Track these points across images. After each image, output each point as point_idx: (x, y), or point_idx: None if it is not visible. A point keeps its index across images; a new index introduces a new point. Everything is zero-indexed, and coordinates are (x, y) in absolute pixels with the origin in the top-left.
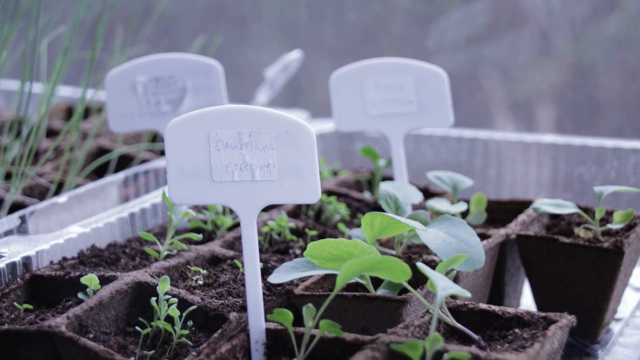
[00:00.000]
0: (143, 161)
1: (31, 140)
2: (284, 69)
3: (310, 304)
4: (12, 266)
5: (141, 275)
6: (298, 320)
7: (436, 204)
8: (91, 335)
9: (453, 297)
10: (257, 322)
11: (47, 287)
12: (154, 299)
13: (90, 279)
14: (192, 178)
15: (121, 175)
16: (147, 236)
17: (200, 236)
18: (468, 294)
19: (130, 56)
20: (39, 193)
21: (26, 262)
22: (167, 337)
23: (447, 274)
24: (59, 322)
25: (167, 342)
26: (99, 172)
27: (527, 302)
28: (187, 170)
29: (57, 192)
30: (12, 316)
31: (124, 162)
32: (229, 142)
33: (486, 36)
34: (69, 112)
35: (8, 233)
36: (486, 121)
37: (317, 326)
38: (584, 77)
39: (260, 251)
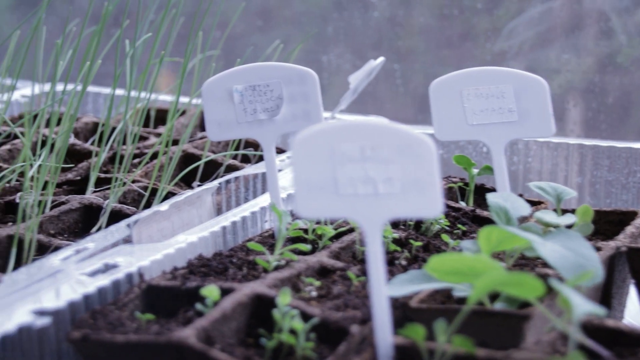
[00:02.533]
0: (229, 168)
1: (129, 146)
2: (368, 75)
3: (441, 319)
4: (129, 276)
5: (258, 286)
6: None
7: (544, 215)
8: (218, 347)
9: None
10: (384, 336)
11: (163, 297)
12: (275, 311)
13: (211, 291)
14: (318, 191)
15: (216, 183)
16: (256, 246)
17: (309, 247)
18: (603, 312)
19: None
20: (132, 200)
21: (141, 272)
22: (289, 350)
23: None
24: (188, 333)
25: (290, 354)
26: (183, 179)
27: (631, 314)
28: (313, 183)
29: (149, 199)
30: (134, 325)
31: (210, 168)
32: (352, 156)
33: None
34: (142, 117)
35: (118, 242)
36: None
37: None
38: None
39: (364, 262)
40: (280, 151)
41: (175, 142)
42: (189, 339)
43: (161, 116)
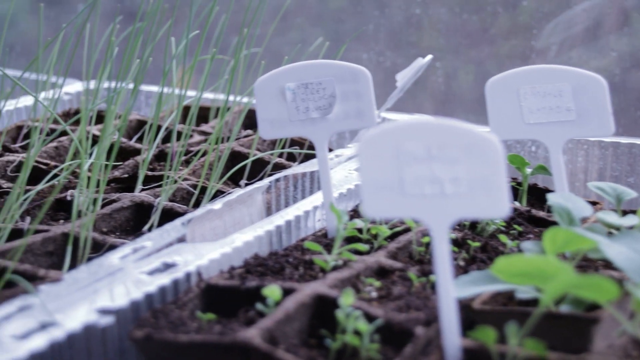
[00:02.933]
0: (276, 166)
1: (174, 143)
2: (415, 73)
3: (512, 322)
4: (188, 275)
5: (319, 286)
6: None
7: (606, 216)
8: (282, 348)
9: None
10: (452, 339)
11: (222, 296)
12: (339, 312)
13: (273, 291)
14: (384, 192)
15: (266, 181)
16: (313, 246)
17: (367, 247)
18: None
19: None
20: (181, 198)
21: (200, 271)
22: (353, 351)
23: None
24: (253, 334)
25: (354, 355)
26: (230, 177)
27: None
28: (379, 184)
29: (198, 197)
30: (195, 325)
31: (256, 166)
32: (419, 156)
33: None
34: (184, 114)
35: (173, 241)
36: None
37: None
38: None
39: (422, 262)
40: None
41: (220, 140)
42: (254, 340)
43: (202, 114)
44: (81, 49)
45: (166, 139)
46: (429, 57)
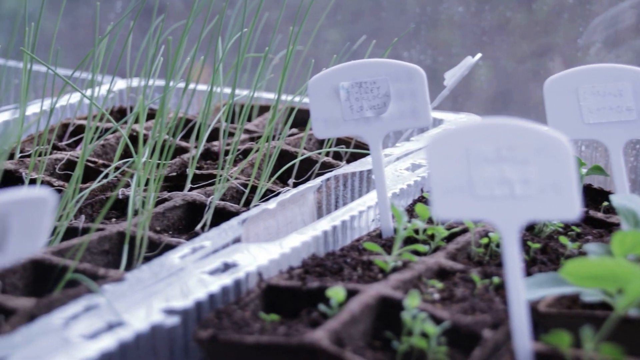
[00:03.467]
0: (324, 165)
1: (227, 142)
2: (463, 71)
3: (583, 325)
4: (248, 276)
5: (383, 288)
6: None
7: None
8: (349, 350)
9: None
10: (524, 343)
11: (283, 297)
12: (404, 313)
13: (337, 292)
14: (454, 193)
15: (318, 180)
16: (372, 246)
17: (426, 248)
18: None
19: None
20: (231, 197)
21: (260, 271)
22: (420, 354)
23: None
24: (321, 335)
25: (421, 358)
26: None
27: None
28: (448, 185)
29: (248, 196)
30: (258, 325)
31: (303, 165)
32: (488, 157)
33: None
34: (227, 112)
35: (231, 241)
36: None
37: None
38: None
39: (481, 263)
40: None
41: (266, 139)
42: (322, 342)
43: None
44: (119, 46)
45: (209, 138)
46: (478, 55)
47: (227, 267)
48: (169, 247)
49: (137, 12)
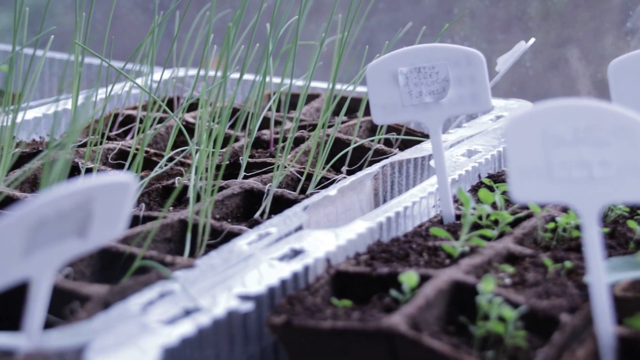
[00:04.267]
0: (377, 152)
1: (276, 131)
2: (516, 57)
3: None
4: (317, 262)
5: (455, 273)
6: None
7: None
8: (426, 335)
9: None
10: (606, 327)
11: (352, 283)
12: (480, 298)
13: (410, 277)
14: (531, 176)
15: (376, 167)
16: (439, 232)
17: (495, 233)
18: None
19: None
20: (285, 185)
21: (328, 257)
22: (496, 338)
23: None
24: (398, 320)
25: (497, 343)
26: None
27: None
28: (525, 167)
29: (304, 184)
30: (329, 311)
31: (355, 153)
32: (565, 138)
33: None
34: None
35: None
36: None
37: None
38: None
39: (549, 248)
40: (422, 135)
41: (313, 127)
42: (400, 326)
43: (292, 101)
44: (165, 37)
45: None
46: (532, 40)
47: (295, 253)
48: (231, 234)
49: (187, 3)
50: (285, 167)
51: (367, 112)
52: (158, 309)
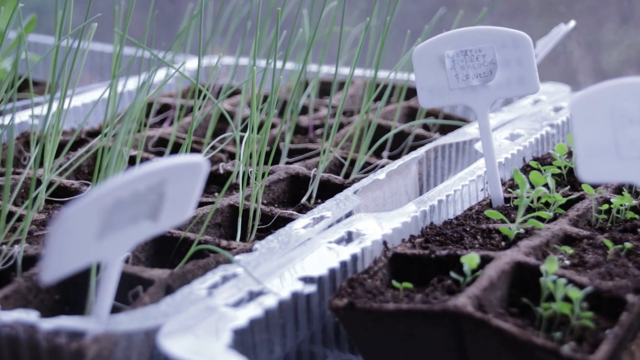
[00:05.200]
0: (418, 137)
1: (312, 117)
2: (557, 41)
3: None
4: (374, 245)
5: (516, 254)
6: None
7: None
8: (489, 317)
9: None
10: None
11: (410, 265)
12: (544, 279)
13: (471, 259)
14: (598, 155)
15: (422, 152)
16: (494, 214)
17: (550, 214)
18: None
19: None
20: (328, 170)
21: (385, 240)
22: (561, 320)
23: None
24: (465, 301)
25: (563, 324)
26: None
27: None
28: (593, 146)
29: (348, 169)
30: (390, 294)
31: (395, 138)
32: (633, 117)
33: None
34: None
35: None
36: None
37: None
38: None
39: (603, 230)
40: (460, 119)
41: (350, 113)
42: (467, 307)
43: (323, 88)
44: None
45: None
46: (572, 23)
47: (352, 236)
48: (281, 219)
49: None
50: (331, 151)
51: (406, 98)
52: (224, 292)
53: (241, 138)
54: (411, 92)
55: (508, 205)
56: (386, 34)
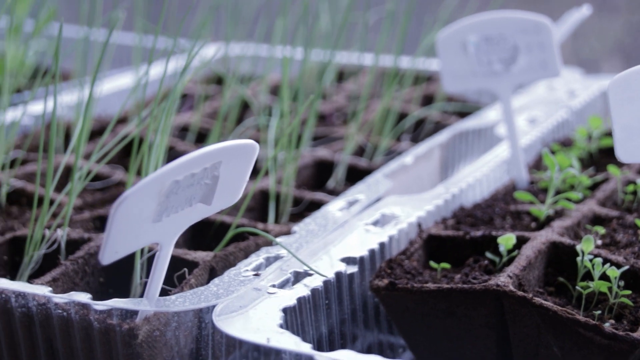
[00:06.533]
0: (437, 123)
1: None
2: (569, 26)
3: None
4: (410, 227)
5: (551, 234)
6: None
7: None
8: (530, 295)
9: None
10: None
11: (445, 246)
12: (581, 259)
13: (508, 239)
14: (637, 135)
15: (444, 136)
16: (524, 196)
17: (579, 195)
18: None
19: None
20: (352, 154)
21: (420, 222)
22: (598, 299)
23: None
24: (506, 281)
25: (599, 302)
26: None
27: None
28: (631, 127)
29: (371, 153)
30: (427, 274)
31: (412, 123)
32: None
33: None
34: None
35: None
36: None
37: None
38: None
39: (629, 210)
40: (476, 105)
41: (365, 99)
42: (508, 286)
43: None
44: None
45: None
46: (585, 9)
47: (387, 218)
48: (312, 203)
49: None
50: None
51: (420, 83)
52: (269, 273)
53: (266, 124)
54: (423, 79)
55: (532, 187)
56: (407, 22)
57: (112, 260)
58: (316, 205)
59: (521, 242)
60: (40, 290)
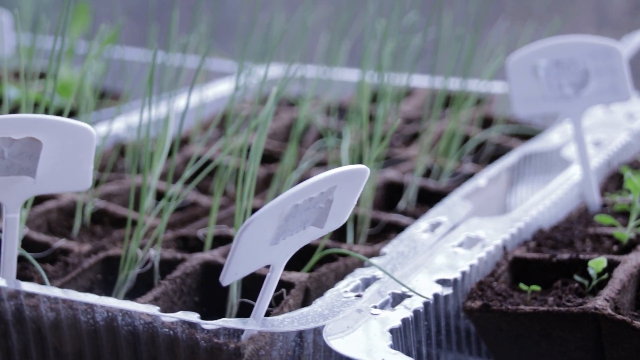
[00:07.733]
0: (497, 145)
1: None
2: (634, 50)
3: None
4: (496, 249)
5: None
6: None
7: None
8: (630, 319)
9: None
10: None
11: (530, 268)
12: None
13: (599, 263)
14: None
15: (512, 159)
16: (606, 219)
17: None
18: None
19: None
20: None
21: (505, 244)
22: None
23: None
24: (604, 304)
25: None
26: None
27: None
28: None
29: (436, 175)
30: (516, 296)
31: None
32: None
33: None
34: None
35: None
36: None
37: None
38: None
39: None
40: (536, 128)
41: (419, 121)
42: (607, 310)
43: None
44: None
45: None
46: None
47: (472, 241)
48: (389, 224)
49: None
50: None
51: (477, 104)
52: (368, 295)
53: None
54: (482, 101)
55: (606, 209)
56: (473, 46)
57: (232, 281)
58: (392, 227)
59: (610, 265)
60: (148, 309)
